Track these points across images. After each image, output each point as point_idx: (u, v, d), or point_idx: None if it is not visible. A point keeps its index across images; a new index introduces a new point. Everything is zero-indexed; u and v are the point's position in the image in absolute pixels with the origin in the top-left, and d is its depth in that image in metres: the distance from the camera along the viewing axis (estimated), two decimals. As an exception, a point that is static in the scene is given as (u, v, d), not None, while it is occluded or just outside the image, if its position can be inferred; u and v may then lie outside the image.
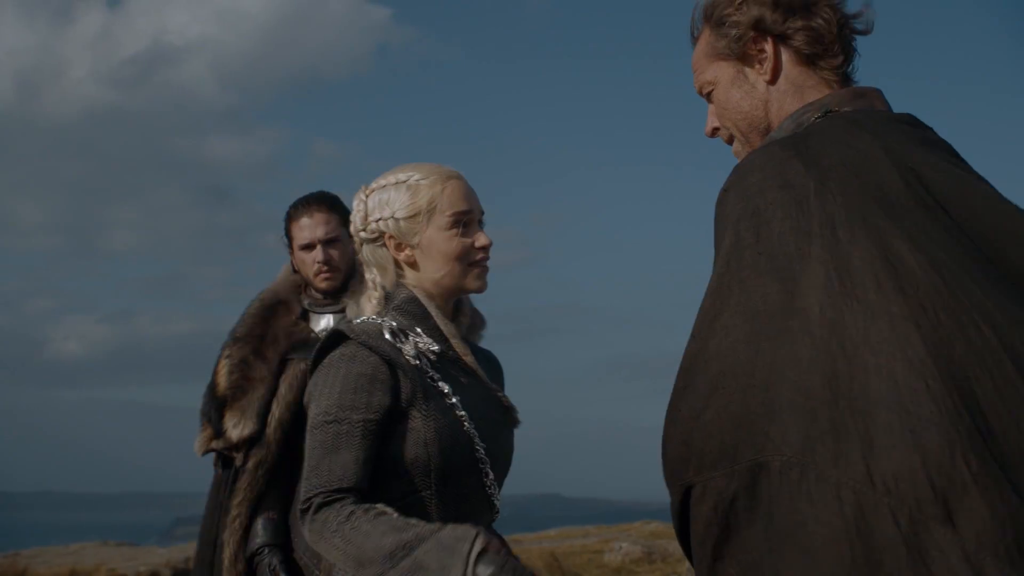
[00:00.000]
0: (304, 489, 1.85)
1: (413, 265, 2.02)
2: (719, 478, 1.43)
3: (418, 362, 1.94)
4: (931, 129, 1.65)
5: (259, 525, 3.08)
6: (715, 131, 1.78)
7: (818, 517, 1.35)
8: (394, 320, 1.98)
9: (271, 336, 3.21)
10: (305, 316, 3.28)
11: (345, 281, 3.27)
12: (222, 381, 3.17)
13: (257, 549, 3.06)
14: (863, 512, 1.31)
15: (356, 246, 2.09)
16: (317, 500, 1.82)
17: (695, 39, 1.77)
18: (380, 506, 1.83)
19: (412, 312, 2.00)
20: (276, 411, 3.12)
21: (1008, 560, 1.24)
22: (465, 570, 1.69)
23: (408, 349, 1.94)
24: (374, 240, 2.04)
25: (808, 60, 1.65)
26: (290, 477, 3.11)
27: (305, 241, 3.22)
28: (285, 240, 3.35)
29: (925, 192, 1.48)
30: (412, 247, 2.01)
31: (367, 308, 2.05)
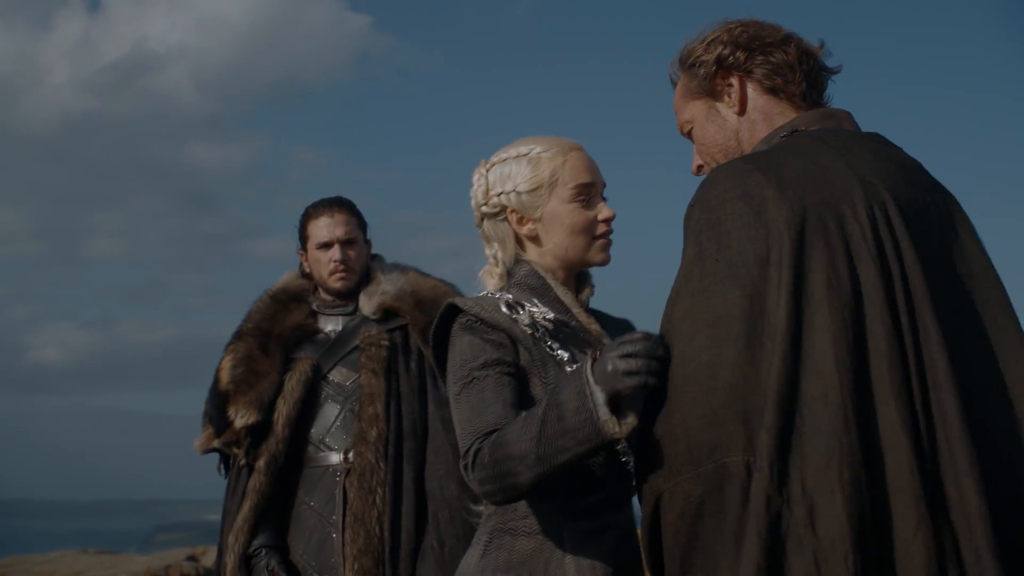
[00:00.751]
0: (461, 450, 1.82)
1: (535, 239, 2.01)
2: (685, 482, 1.47)
3: (534, 331, 1.92)
4: (899, 148, 1.72)
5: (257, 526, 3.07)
6: (700, 168, 1.90)
7: (783, 517, 1.37)
8: (511, 293, 1.97)
9: (277, 331, 3.21)
10: (313, 317, 3.29)
11: (358, 285, 3.30)
12: (225, 376, 3.15)
13: (254, 550, 3.04)
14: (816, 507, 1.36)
15: (476, 221, 2.08)
16: (473, 449, 1.78)
17: (674, 84, 1.92)
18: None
19: (531, 285, 1.99)
20: (284, 408, 3.10)
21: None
22: (585, 382, 1.64)
23: (523, 318, 1.92)
24: (495, 214, 2.02)
25: (772, 91, 1.79)
26: (292, 477, 3.11)
27: (324, 239, 3.24)
28: (297, 243, 3.36)
29: (883, 207, 1.54)
30: (534, 221, 1.99)
31: (488, 284, 2.04)
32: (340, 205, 3.32)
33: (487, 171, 2.04)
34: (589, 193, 1.99)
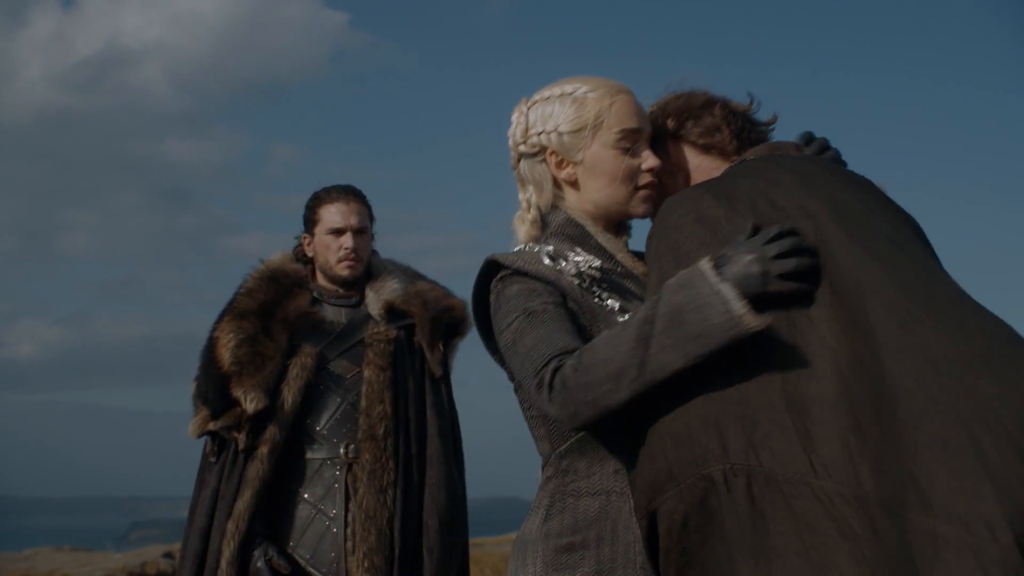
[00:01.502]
0: (531, 373, 1.67)
1: (574, 184, 1.88)
2: (669, 500, 1.48)
3: (581, 282, 1.79)
4: (846, 165, 1.87)
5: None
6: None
7: (769, 518, 1.38)
8: (551, 245, 1.84)
9: (281, 315, 3.13)
10: (316, 304, 3.22)
11: (362, 276, 3.27)
12: (226, 355, 3.03)
13: (254, 539, 2.97)
14: (808, 503, 1.36)
15: (512, 162, 1.95)
16: (552, 367, 1.63)
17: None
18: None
19: (570, 235, 1.86)
20: (288, 395, 3.04)
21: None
22: (714, 282, 1.52)
23: (569, 268, 1.79)
24: (533, 155, 1.90)
25: (706, 149, 1.91)
26: (284, 467, 3.05)
27: (337, 225, 3.19)
28: (303, 227, 3.30)
29: (834, 208, 1.59)
30: (574, 164, 1.86)
31: (520, 231, 1.91)
32: (355, 194, 3.28)
33: (527, 109, 1.92)
34: (635, 139, 1.86)
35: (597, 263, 1.82)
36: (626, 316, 1.75)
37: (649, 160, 1.86)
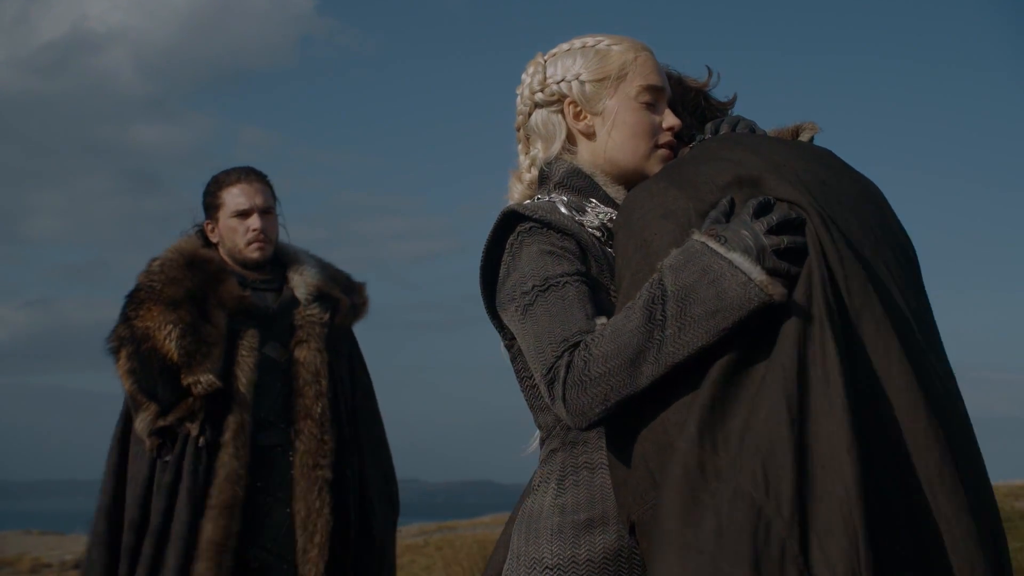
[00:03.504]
0: (540, 367, 1.57)
1: (590, 136, 1.80)
2: (650, 509, 1.45)
3: (600, 234, 1.72)
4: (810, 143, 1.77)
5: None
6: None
7: (722, 517, 1.37)
8: (563, 195, 1.75)
9: (214, 300, 3.03)
10: (244, 289, 3.12)
11: (272, 259, 3.19)
12: (171, 347, 2.92)
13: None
14: (758, 513, 1.34)
15: (519, 120, 1.87)
16: (564, 361, 1.53)
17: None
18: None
19: (577, 187, 1.77)
20: (242, 375, 2.98)
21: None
22: (724, 253, 1.46)
23: (590, 219, 1.72)
24: (551, 103, 1.81)
25: None
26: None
27: (242, 208, 3.11)
28: (203, 212, 3.20)
29: (802, 185, 1.55)
30: (593, 115, 1.79)
31: (515, 190, 1.85)
32: (256, 174, 3.20)
33: (545, 61, 1.85)
34: (656, 97, 1.80)
35: (614, 215, 1.74)
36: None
37: (670, 119, 1.80)
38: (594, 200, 1.76)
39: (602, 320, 1.56)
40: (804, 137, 1.79)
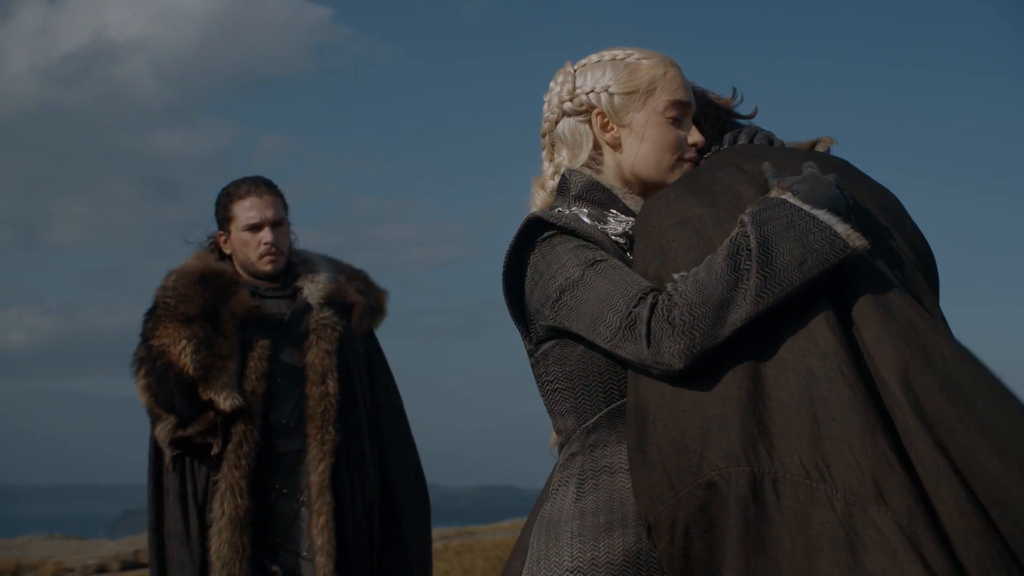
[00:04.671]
0: (613, 318, 1.58)
1: (617, 147, 1.83)
2: (668, 510, 1.47)
3: (623, 240, 1.75)
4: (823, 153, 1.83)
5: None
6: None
7: (762, 519, 1.40)
8: (584, 208, 1.78)
9: (228, 313, 3.07)
10: (257, 299, 3.17)
11: (285, 267, 3.22)
12: (187, 361, 2.97)
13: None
14: (800, 503, 1.37)
15: (546, 127, 1.90)
16: (641, 309, 1.55)
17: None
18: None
19: (596, 200, 1.79)
20: (248, 388, 3.01)
21: (936, 530, 1.32)
22: (806, 208, 1.52)
23: (613, 227, 1.75)
24: (579, 113, 1.84)
25: None
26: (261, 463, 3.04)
27: (253, 221, 3.14)
28: (216, 225, 3.24)
29: None
30: (620, 127, 1.82)
31: (537, 197, 1.88)
32: (267, 185, 3.22)
33: (574, 71, 1.88)
34: (683, 112, 1.84)
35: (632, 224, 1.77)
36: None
37: (695, 135, 1.84)
38: (614, 211, 1.79)
39: (680, 274, 1.56)
40: (820, 149, 1.83)
